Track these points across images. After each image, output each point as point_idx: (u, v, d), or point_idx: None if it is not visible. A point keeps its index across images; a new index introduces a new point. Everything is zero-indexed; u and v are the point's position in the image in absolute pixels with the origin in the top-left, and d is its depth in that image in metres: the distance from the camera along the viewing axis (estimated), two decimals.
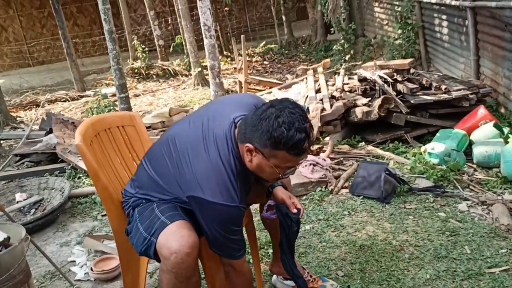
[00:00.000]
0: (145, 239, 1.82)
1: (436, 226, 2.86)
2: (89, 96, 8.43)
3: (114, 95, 7.00)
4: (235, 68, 9.03)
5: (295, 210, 1.97)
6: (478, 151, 3.75)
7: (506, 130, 4.01)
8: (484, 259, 2.49)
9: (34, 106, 8.31)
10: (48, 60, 13.78)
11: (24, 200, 3.80)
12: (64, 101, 8.40)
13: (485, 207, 3.08)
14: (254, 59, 10.49)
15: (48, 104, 8.25)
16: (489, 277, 2.34)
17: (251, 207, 2.27)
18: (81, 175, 4.39)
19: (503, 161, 3.43)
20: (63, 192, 3.78)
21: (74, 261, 2.99)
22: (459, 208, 3.07)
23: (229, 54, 10.94)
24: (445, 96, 4.32)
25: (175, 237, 1.71)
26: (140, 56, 9.78)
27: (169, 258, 1.70)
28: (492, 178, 3.50)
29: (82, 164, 4.38)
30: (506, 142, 3.73)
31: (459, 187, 3.36)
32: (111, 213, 2.05)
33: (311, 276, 2.35)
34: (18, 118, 7.55)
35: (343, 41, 8.39)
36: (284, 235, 2.03)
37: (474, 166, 3.73)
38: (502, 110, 4.74)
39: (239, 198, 1.72)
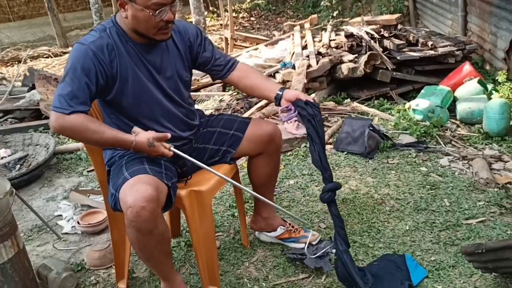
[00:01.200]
0: (112, 195, 1.86)
1: (417, 180, 2.92)
2: None
3: None
4: (221, 25, 8.87)
5: (312, 100, 2.04)
6: (461, 108, 3.79)
7: (490, 86, 4.05)
8: (462, 211, 2.56)
9: (16, 62, 8.14)
10: (29, 14, 13.38)
11: (8, 156, 3.78)
12: (47, 57, 8.24)
13: (465, 162, 3.14)
14: (240, 15, 10.31)
15: (31, 60, 8.09)
16: (466, 228, 2.42)
17: (237, 161, 2.29)
18: None
19: (486, 117, 3.48)
20: (48, 148, 3.76)
21: (61, 215, 3.01)
22: (440, 163, 3.13)
23: (215, 9, 10.72)
24: (431, 52, 4.32)
25: (130, 192, 1.72)
26: None
27: (126, 212, 1.71)
28: (474, 134, 3.56)
29: None
30: (489, 99, 3.78)
31: (441, 142, 3.41)
32: (97, 166, 2.07)
33: (293, 227, 2.40)
34: None
35: None
36: (311, 126, 2.00)
37: (457, 122, 3.79)
38: (487, 67, 4.77)
39: (95, 42, 1.80)
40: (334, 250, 2.29)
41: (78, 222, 2.78)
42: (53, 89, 4.81)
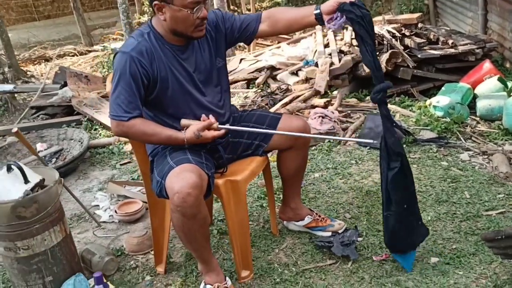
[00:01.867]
0: (158, 182, 2.02)
1: (438, 174, 3.03)
2: (97, 50, 8.49)
3: None
4: None
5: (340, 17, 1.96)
6: (481, 104, 3.87)
7: (510, 84, 4.11)
8: (482, 203, 2.67)
9: (43, 61, 8.39)
10: (54, 14, 13.67)
11: (45, 150, 3.98)
12: (73, 56, 8.47)
13: (485, 156, 3.24)
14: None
15: (57, 59, 8.32)
16: (486, 218, 2.52)
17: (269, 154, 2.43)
18: (97, 127, 4.56)
19: (505, 113, 3.56)
20: (82, 143, 3.95)
21: (98, 205, 3.19)
22: (461, 158, 3.23)
23: (235, 8, 10.85)
24: (452, 50, 4.40)
25: (177, 179, 1.89)
26: (147, 10, 9.75)
27: (173, 198, 1.88)
28: (494, 130, 3.64)
29: (98, 116, 4.54)
30: (509, 96, 3.85)
31: (461, 138, 3.51)
32: (139, 156, 2.23)
33: (319, 216, 2.54)
34: (28, 72, 7.65)
35: None
36: (362, 27, 1.93)
37: (477, 118, 3.86)
38: (507, 65, 4.82)
39: (136, 49, 1.96)
40: (359, 238, 2.44)
41: (115, 211, 2.95)
42: (84, 86, 5.01)
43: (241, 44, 7.84)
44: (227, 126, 2.05)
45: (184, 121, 2.03)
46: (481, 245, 2.29)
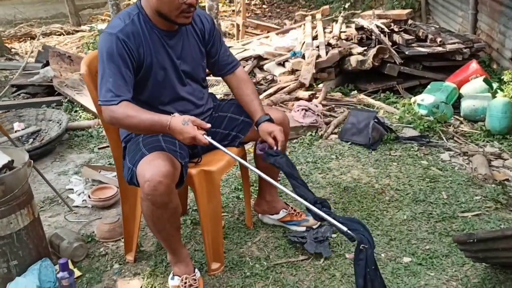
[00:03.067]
0: (129, 169, 1.96)
1: (418, 172, 3.01)
2: (84, 31, 8.34)
3: None
4: (233, 11, 8.92)
5: (274, 148, 2.05)
6: (465, 105, 3.86)
7: (495, 85, 4.12)
8: (458, 204, 2.65)
9: (29, 38, 8.23)
10: None
11: (22, 129, 3.89)
12: (59, 35, 8.31)
13: (466, 157, 3.23)
14: (253, 2, 10.33)
15: (43, 37, 8.16)
16: (461, 220, 2.51)
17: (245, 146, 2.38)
18: (77, 109, 4.47)
19: (489, 115, 3.56)
20: (60, 124, 3.87)
21: (72, 189, 3.13)
22: (441, 158, 3.22)
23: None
24: (439, 49, 4.38)
25: (149, 167, 1.82)
26: None
27: (143, 186, 1.82)
28: (477, 131, 3.64)
29: (79, 98, 4.45)
30: (494, 97, 3.85)
31: (443, 138, 3.49)
32: (112, 142, 2.17)
33: (295, 211, 2.51)
34: (12, 50, 7.49)
35: None
36: (284, 171, 2.03)
37: (461, 118, 3.86)
38: (494, 66, 4.82)
39: (123, 31, 1.89)
40: (333, 235, 2.41)
41: (89, 196, 2.89)
42: (66, 66, 4.91)
43: (230, 32, 7.78)
44: (213, 141, 1.89)
45: (176, 114, 1.93)
46: (454, 247, 2.28)
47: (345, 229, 1.69)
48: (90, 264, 2.36)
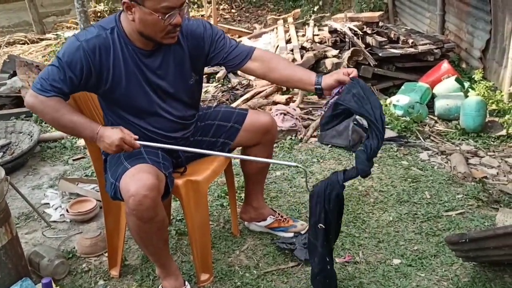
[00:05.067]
0: (112, 184, 1.89)
1: (399, 173, 3.04)
2: (49, 39, 8.11)
3: None
4: (202, 16, 8.85)
5: (353, 74, 1.83)
6: (439, 104, 3.93)
7: (466, 84, 4.21)
8: (442, 203, 2.68)
9: None
10: None
11: None
12: (23, 44, 8.06)
13: (444, 156, 3.28)
14: (221, 7, 10.29)
15: (6, 46, 7.90)
16: (446, 219, 2.54)
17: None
18: None
19: (463, 113, 3.63)
20: (31, 136, 3.73)
21: (48, 203, 3.01)
22: (420, 157, 3.25)
23: (195, 0, 10.67)
24: (412, 50, 4.45)
25: (132, 181, 1.76)
26: None
27: (128, 200, 1.75)
28: (452, 129, 3.71)
29: None
30: (466, 96, 3.93)
31: (421, 137, 3.54)
32: (94, 155, 2.09)
33: (282, 217, 2.48)
34: None
35: None
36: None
37: (435, 118, 3.92)
38: (464, 65, 4.93)
39: (90, 41, 1.81)
40: None
41: (67, 210, 2.79)
42: (34, 76, 4.75)
43: None
44: (145, 142, 1.86)
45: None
46: (442, 246, 2.30)
47: None
48: (73, 281, 2.27)
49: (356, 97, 1.74)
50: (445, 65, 4.40)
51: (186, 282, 2.08)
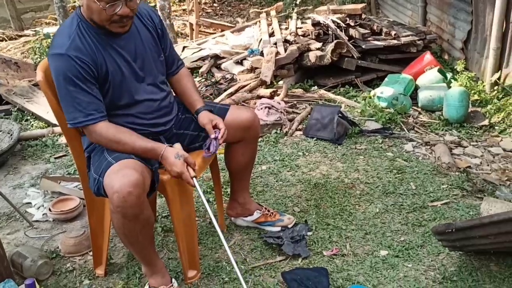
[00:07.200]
0: (95, 180, 1.85)
1: (385, 165, 3.04)
2: (28, 35, 7.95)
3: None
4: (184, 10, 8.78)
5: (213, 136, 2.02)
6: (423, 95, 3.95)
7: (449, 75, 4.24)
8: (427, 194, 2.70)
9: None
10: None
11: None
12: (1, 41, 7.89)
13: (428, 147, 3.29)
14: (203, 1, 10.21)
15: None
16: (431, 209, 2.55)
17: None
18: (28, 117, 4.25)
19: (446, 104, 3.65)
20: (11, 135, 3.65)
21: (30, 202, 2.95)
22: (405, 148, 3.27)
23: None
24: (395, 41, 4.46)
25: (117, 176, 1.73)
26: None
27: (112, 197, 1.72)
28: (435, 120, 3.73)
29: (29, 106, 4.24)
30: (449, 87, 3.96)
31: (405, 129, 3.56)
32: (75, 152, 2.05)
33: (268, 211, 2.46)
34: None
35: None
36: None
37: (419, 109, 3.94)
38: (446, 57, 4.96)
39: (70, 47, 1.77)
40: (309, 233, 2.39)
41: (49, 209, 2.73)
42: (13, 73, 4.66)
43: (183, 31, 7.65)
44: (198, 186, 1.90)
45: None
46: (428, 237, 2.31)
47: None
48: (57, 281, 2.23)
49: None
50: (427, 57, 4.42)
51: (173, 279, 2.05)
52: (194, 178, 1.87)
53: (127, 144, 1.83)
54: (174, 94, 2.21)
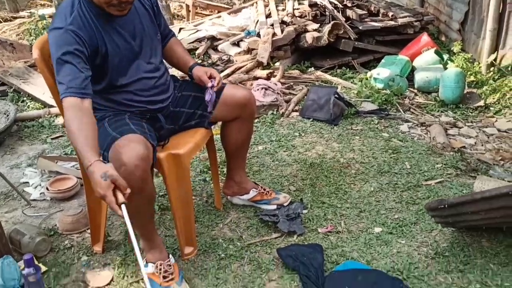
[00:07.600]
0: (100, 155, 1.85)
1: (380, 145, 3.07)
2: (23, 17, 7.89)
3: (51, 16, 6.61)
4: None
5: (209, 84, 2.09)
6: (419, 77, 3.96)
7: (445, 56, 4.24)
8: (422, 173, 2.72)
9: None
10: None
11: None
12: None
13: (424, 127, 3.31)
14: None
15: None
16: (425, 188, 2.58)
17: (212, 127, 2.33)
18: (25, 99, 4.24)
19: (442, 85, 3.66)
20: (8, 116, 3.65)
21: (27, 182, 2.97)
22: (400, 129, 3.29)
23: None
24: (392, 23, 4.45)
25: (123, 150, 1.74)
26: None
27: (119, 170, 1.70)
28: (431, 102, 3.75)
29: (25, 87, 4.23)
30: (445, 68, 3.96)
31: (401, 110, 3.57)
32: None
33: (264, 190, 2.49)
34: None
35: None
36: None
37: (415, 90, 3.96)
38: (443, 38, 4.96)
39: (71, 23, 1.77)
40: (304, 211, 2.42)
41: (47, 188, 2.75)
42: (9, 54, 4.64)
43: (179, 13, 7.59)
44: (126, 216, 1.60)
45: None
46: (421, 214, 2.34)
47: None
48: (55, 258, 2.25)
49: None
50: (424, 38, 4.42)
51: (170, 255, 2.08)
52: (123, 205, 1.58)
53: (72, 135, 1.68)
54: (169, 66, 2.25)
